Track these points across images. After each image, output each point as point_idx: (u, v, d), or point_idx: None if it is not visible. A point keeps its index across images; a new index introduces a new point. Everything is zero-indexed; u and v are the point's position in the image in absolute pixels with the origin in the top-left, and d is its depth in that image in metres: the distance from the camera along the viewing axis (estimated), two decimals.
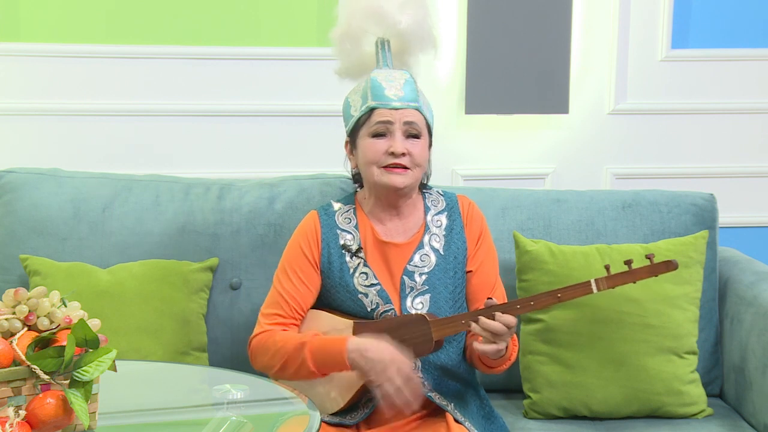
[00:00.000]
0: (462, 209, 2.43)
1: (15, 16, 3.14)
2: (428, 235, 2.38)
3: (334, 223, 2.40)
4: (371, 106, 2.32)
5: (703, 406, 2.65)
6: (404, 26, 2.41)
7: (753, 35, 3.38)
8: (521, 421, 2.64)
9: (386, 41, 2.42)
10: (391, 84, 2.33)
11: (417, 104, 2.33)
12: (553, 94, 3.28)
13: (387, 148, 2.30)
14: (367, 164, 2.33)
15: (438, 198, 2.44)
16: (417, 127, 2.32)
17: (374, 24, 2.42)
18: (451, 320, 2.24)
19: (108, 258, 2.73)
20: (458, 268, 2.38)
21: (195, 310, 2.68)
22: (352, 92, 2.41)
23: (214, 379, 2.36)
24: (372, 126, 2.31)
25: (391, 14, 2.40)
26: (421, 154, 2.32)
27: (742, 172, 3.43)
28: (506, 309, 2.18)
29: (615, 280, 2.19)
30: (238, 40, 3.23)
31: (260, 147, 3.26)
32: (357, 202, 2.44)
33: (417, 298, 2.33)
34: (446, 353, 2.34)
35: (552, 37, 3.25)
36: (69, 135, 3.19)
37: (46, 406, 1.76)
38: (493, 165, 3.36)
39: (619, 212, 2.82)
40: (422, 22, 2.43)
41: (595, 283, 2.19)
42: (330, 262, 2.37)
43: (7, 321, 1.81)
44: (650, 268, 2.18)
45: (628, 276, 2.19)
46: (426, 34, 2.45)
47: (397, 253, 2.36)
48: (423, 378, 2.32)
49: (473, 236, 2.41)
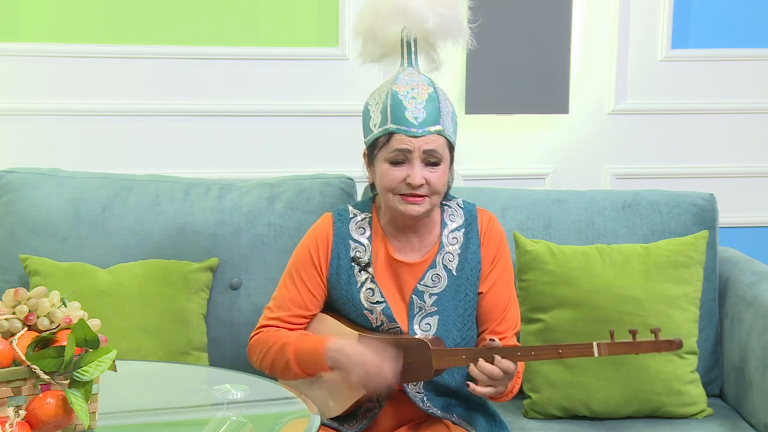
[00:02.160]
0: (480, 226, 2.32)
1: (15, 16, 3.14)
2: (442, 254, 2.30)
3: (347, 232, 2.33)
4: (390, 130, 2.20)
5: (703, 406, 2.65)
6: (432, 24, 2.29)
7: (753, 35, 3.38)
8: (521, 421, 2.64)
9: (413, 38, 2.29)
10: (413, 101, 2.21)
11: (438, 126, 2.20)
12: (553, 94, 3.28)
13: (404, 178, 2.19)
14: (384, 190, 2.24)
15: (457, 211, 2.34)
16: (437, 154, 2.20)
17: (400, 22, 2.29)
18: (453, 352, 2.19)
19: (108, 258, 2.73)
20: (470, 290, 2.31)
21: (195, 310, 2.68)
22: (372, 99, 2.28)
23: (214, 379, 2.36)
24: (390, 152, 2.20)
25: (418, 12, 2.28)
26: (440, 182, 2.21)
27: (742, 172, 3.43)
28: (506, 354, 2.13)
29: (617, 348, 2.14)
30: (238, 40, 3.22)
31: (260, 147, 3.26)
32: (374, 210, 2.36)
33: (425, 319, 2.28)
34: (450, 376, 2.30)
35: (552, 37, 3.25)
36: (69, 135, 3.19)
37: (46, 406, 1.76)
38: (493, 165, 3.36)
39: (619, 212, 2.82)
40: (451, 18, 2.31)
41: (597, 347, 2.15)
42: (338, 273, 2.32)
43: (7, 321, 1.81)
44: (654, 344, 2.13)
45: (631, 347, 2.14)
46: (455, 31, 2.33)
47: (408, 271, 2.30)
48: (429, 402, 2.29)
49: (489, 256, 2.32)
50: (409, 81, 2.24)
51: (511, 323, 2.33)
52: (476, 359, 2.13)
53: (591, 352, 2.15)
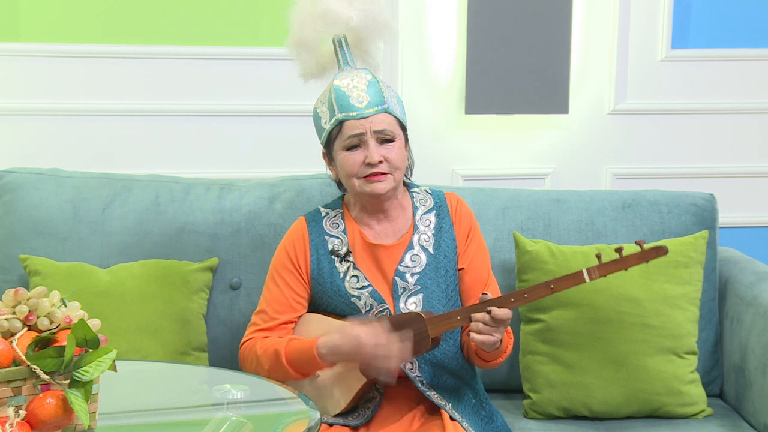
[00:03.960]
0: (450, 207, 2.43)
1: (15, 16, 3.14)
2: (417, 234, 2.38)
3: (322, 229, 2.41)
4: (339, 119, 2.31)
5: (703, 406, 2.65)
6: (357, 22, 2.39)
7: (753, 35, 3.38)
8: (521, 421, 2.64)
9: (342, 39, 2.41)
10: (355, 90, 2.32)
11: (384, 106, 2.32)
12: (553, 94, 3.28)
13: (363, 160, 2.30)
14: (347, 177, 2.33)
15: (426, 197, 2.44)
16: (389, 132, 2.31)
17: (326, 26, 2.41)
18: (446, 316, 2.25)
19: (108, 258, 2.73)
20: (449, 267, 2.38)
21: (195, 310, 2.68)
22: (319, 102, 2.40)
23: (214, 379, 2.36)
24: (345, 140, 2.31)
25: (341, 13, 2.39)
26: (398, 157, 2.32)
27: (742, 172, 3.43)
28: (501, 303, 2.20)
29: (607, 268, 2.19)
30: (238, 40, 3.23)
31: (260, 147, 3.26)
32: (344, 206, 2.45)
33: (410, 298, 2.34)
34: (441, 349, 2.35)
35: (552, 37, 3.25)
36: (69, 135, 3.19)
37: (46, 406, 1.76)
38: (493, 165, 3.36)
39: (619, 212, 2.82)
40: (375, 13, 2.41)
41: (587, 272, 2.20)
42: (320, 269, 2.38)
43: (7, 321, 1.81)
44: (641, 254, 2.19)
45: (620, 263, 2.19)
46: (380, 24, 2.43)
47: (387, 254, 2.37)
48: (419, 375, 2.32)
49: (462, 234, 2.41)
50: (348, 74, 2.36)
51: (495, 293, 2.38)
52: (469, 317, 2.20)
53: (582, 279, 2.21)
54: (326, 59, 2.45)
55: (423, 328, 2.24)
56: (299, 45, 2.45)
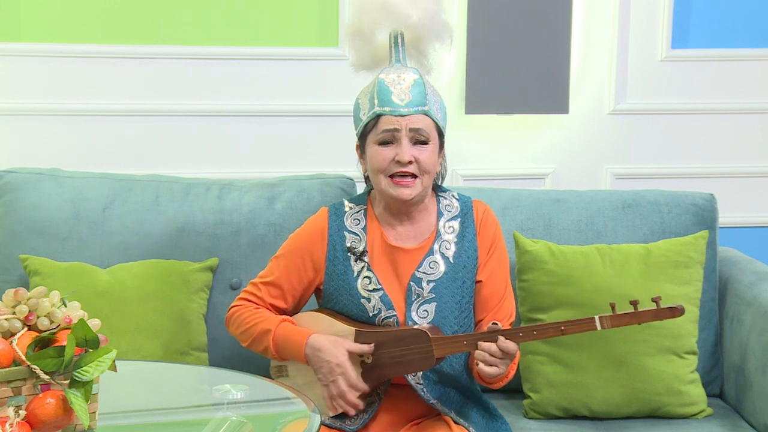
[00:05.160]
0: (476, 215, 2.38)
1: (15, 16, 3.14)
2: (439, 241, 2.34)
3: (343, 224, 2.37)
4: (377, 113, 2.27)
5: (703, 406, 2.65)
6: (416, 19, 2.36)
7: (753, 35, 3.38)
8: (521, 421, 2.64)
9: (399, 34, 2.37)
10: (399, 86, 2.28)
11: (425, 108, 2.27)
12: (553, 94, 3.28)
13: (393, 157, 2.26)
14: (375, 172, 2.29)
15: (452, 202, 2.39)
16: (424, 133, 2.27)
17: (385, 19, 2.37)
18: (453, 339, 2.21)
19: (108, 258, 2.73)
20: (467, 278, 2.34)
21: (195, 310, 2.68)
22: (362, 93, 2.36)
23: (214, 379, 2.36)
24: (379, 134, 2.27)
25: (401, 7, 2.35)
26: (429, 161, 2.27)
27: (742, 172, 3.43)
28: (509, 336, 2.16)
29: (620, 320, 2.15)
30: (238, 40, 3.23)
31: (260, 147, 3.26)
32: (369, 203, 2.40)
33: (423, 306, 2.30)
34: (449, 364, 2.32)
35: (552, 37, 3.25)
36: (69, 135, 3.19)
37: (46, 406, 1.76)
38: (493, 165, 3.36)
39: (619, 212, 2.82)
40: (434, 13, 2.39)
41: (599, 320, 2.16)
42: (335, 264, 2.35)
43: (7, 321, 1.81)
44: (656, 312, 2.14)
45: (634, 317, 2.15)
46: (439, 26, 2.40)
47: (405, 258, 2.33)
48: (425, 389, 2.30)
49: (485, 245, 2.37)
50: (396, 71, 2.33)
51: (507, 312, 2.37)
52: (477, 344, 2.17)
53: (593, 326, 2.16)
54: (381, 54, 2.41)
55: (428, 347, 2.21)
56: (355, 33, 2.41)
